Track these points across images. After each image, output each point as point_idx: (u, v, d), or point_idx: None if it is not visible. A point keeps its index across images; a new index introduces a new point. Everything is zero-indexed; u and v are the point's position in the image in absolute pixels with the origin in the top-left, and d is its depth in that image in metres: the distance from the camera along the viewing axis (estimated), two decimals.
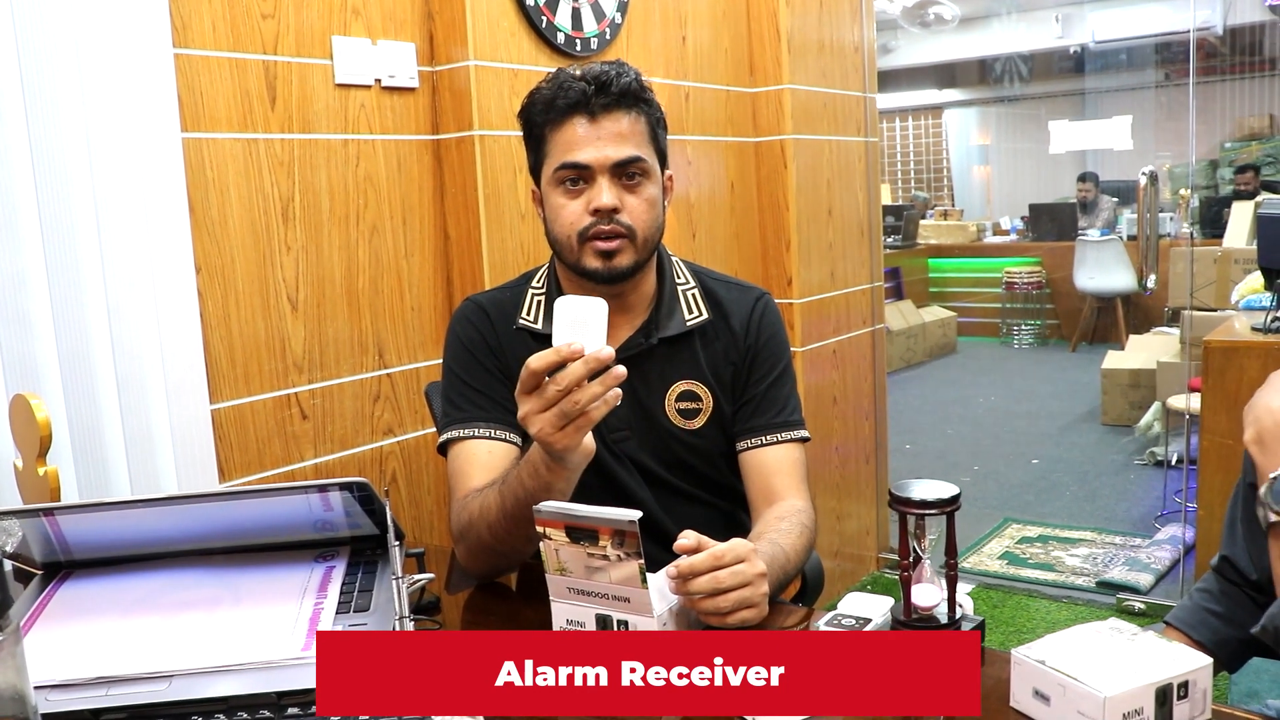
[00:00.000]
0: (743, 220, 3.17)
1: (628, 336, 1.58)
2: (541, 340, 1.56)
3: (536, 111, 1.52)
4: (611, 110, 1.48)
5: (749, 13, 3.17)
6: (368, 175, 2.20)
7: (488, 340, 1.60)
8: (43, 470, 1.33)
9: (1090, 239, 8.39)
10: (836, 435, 3.51)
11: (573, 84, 1.47)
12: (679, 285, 1.64)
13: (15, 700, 0.75)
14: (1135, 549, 3.96)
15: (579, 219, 1.48)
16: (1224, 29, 9.64)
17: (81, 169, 1.69)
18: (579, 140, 1.47)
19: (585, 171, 1.47)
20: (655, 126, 1.53)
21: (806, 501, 1.57)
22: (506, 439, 1.53)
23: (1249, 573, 1.31)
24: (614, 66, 1.49)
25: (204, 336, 1.91)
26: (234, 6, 1.97)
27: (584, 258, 1.50)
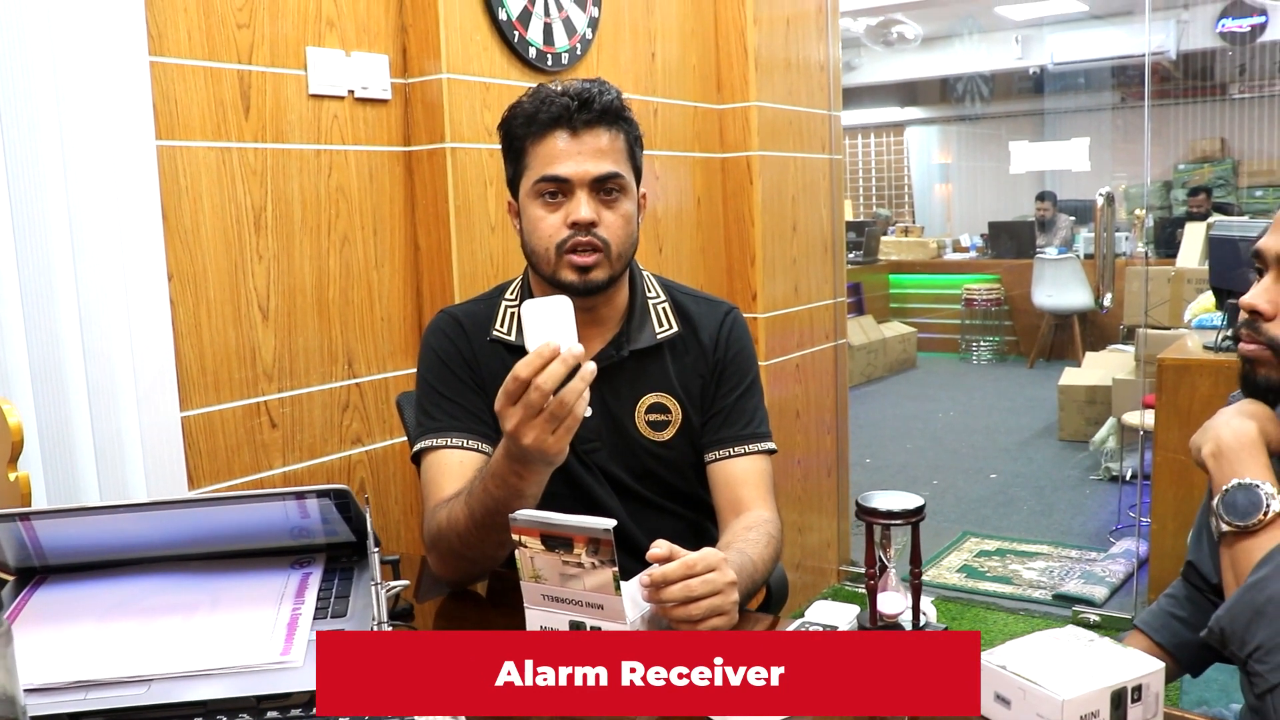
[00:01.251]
0: (709, 235, 3.20)
1: (599, 349, 1.60)
2: (515, 352, 1.58)
3: (518, 124, 1.54)
4: (592, 126, 1.50)
5: (717, 30, 3.21)
6: (339, 185, 2.22)
7: (462, 351, 1.62)
8: (14, 476, 1.34)
9: (1048, 257, 8.51)
10: (799, 449, 3.55)
11: (555, 99, 1.50)
12: (650, 299, 1.67)
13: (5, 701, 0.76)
14: (1090, 562, 4.02)
15: (557, 231, 1.51)
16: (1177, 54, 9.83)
17: (56, 175, 1.70)
18: (560, 154, 1.50)
19: (564, 185, 1.50)
20: (633, 144, 1.57)
21: (773, 512, 1.59)
22: (479, 449, 1.55)
23: (1211, 578, 1.36)
24: (596, 84, 1.52)
25: (175, 344, 1.91)
26: (209, 15, 1.98)
27: (560, 270, 1.52)
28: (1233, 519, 1.20)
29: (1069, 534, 4.49)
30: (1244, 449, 1.23)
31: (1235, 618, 1.10)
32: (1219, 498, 1.21)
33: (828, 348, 3.69)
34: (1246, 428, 1.24)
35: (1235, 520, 1.19)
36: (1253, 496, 1.19)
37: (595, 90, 1.51)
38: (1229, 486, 1.21)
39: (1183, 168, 11.00)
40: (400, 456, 2.34)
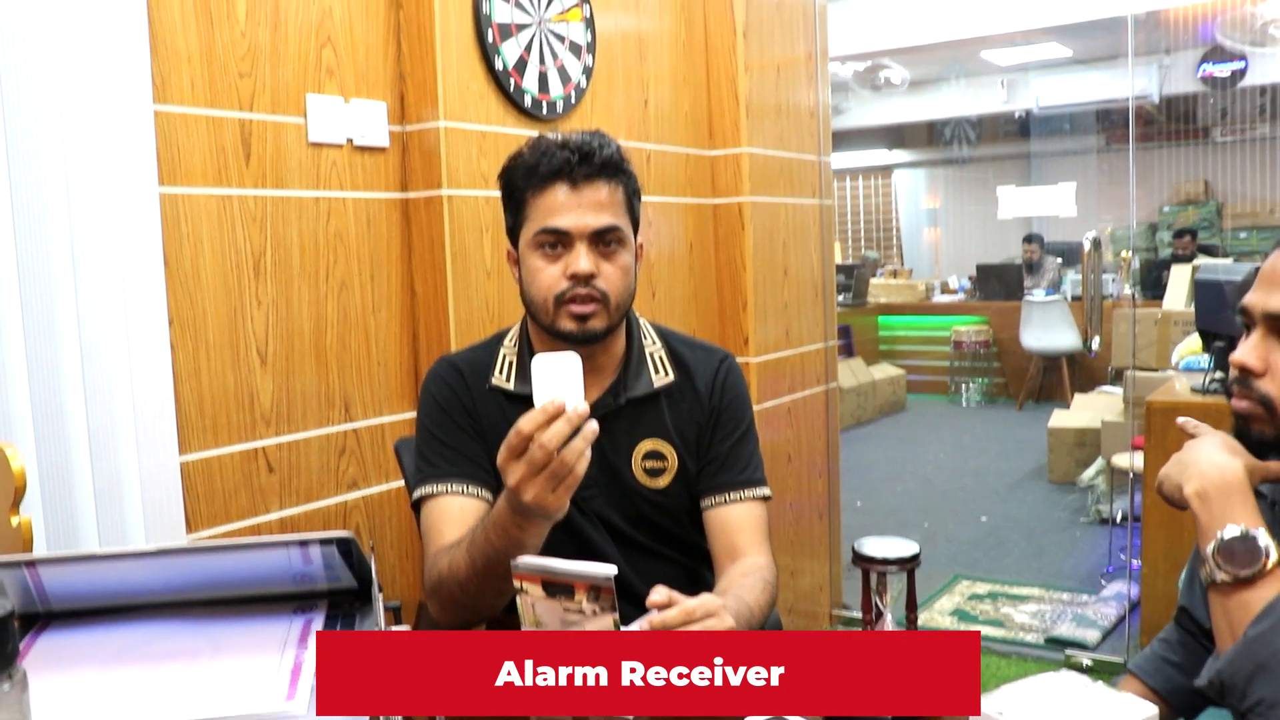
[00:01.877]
0: (701, 280, 3.23)
1: (597, 396, 1.62)
2: (514, 400, 1.61)
3: (519, 175, 1.56)
4: (593, 179, 1.53)
5: (709, 78, 3.26)
6: (338, 231, 2.24)
7: (461, 399, 1.64)
8: (15, 520, 1.35)
9: (1036, 299, 8.58)
10: (791, 492, 3.56)
11: (556, 152, 1.52)
12: (646, 347, 1.69)
13: None
14: (1082, 605, 4.03)
15: (556, 282, 1.53)
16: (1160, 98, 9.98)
17: (60, 220, 1.72)
18: (560, 206, 1.52)
19: (564, 237, 1.53)
20: (632, 196, 1.59)
21: (768, 558, 1.61)
22: (479, 495, 1.57)
23: (1204, 622, 1.36)
24: (595, 137, 1.54)
25: (175, 388, 1.92)
26: (212, 64, 2.01)
27: (559, 320, 1.55)
28: (1230, 569, 1.18)
29: (1060, 576, 4.50)
30: (1233, 492, 1.19)
31: (1236, 671, 1.10)
32: (1213, 545, 1.17)
33: (819, 391, 3.71)
34: (1232, 467, 1.21)
35: (1233, 570, 1.17)
36: (1251, 546, 1.16)
37: (595, 144, 1.53)
38: (1226, 536, 1.18)
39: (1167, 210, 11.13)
40: (396, 501, 2.35)
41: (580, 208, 1.52)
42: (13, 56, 1.66)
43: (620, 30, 2.87)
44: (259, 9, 2.08)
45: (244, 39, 2.05)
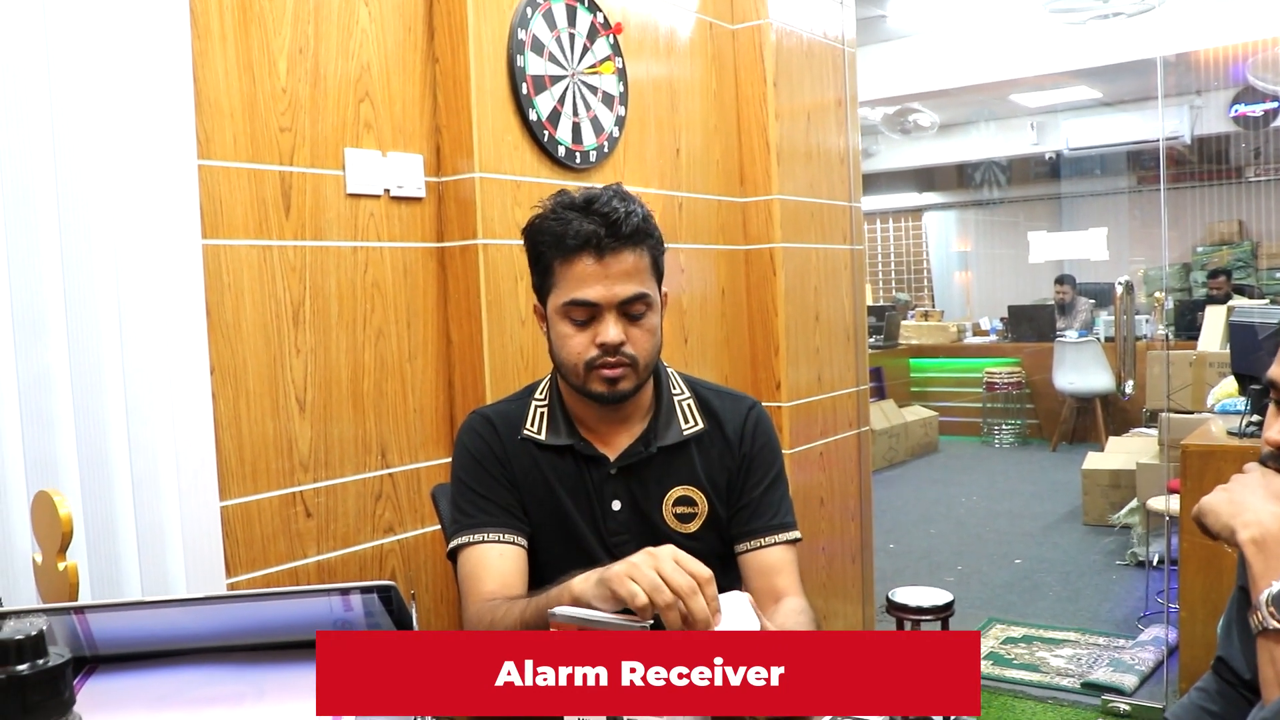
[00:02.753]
0: (733, 325, 3.26)
1: (627, 445, 1.66)
2: (544, 450, 1.66)
3: (544, 243, 1.59)
4: (619, 250, 1.55)
5: (740, 126, 3.30)
6: (375, 281, 2.28)
7: (494, 449, 1.68)
8: (62, 565, 1.38)
9: (1068, 340, 8.54)
10: (823, 536, 3.56)
11: (582, 224, 1.53)
12: (675, 396, 1.73)
13: None
14: (1119, 650, 3.99)
15: (585, 350, 1.57)
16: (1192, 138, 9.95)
17: (108, 273, 1.77)
18: (587, 278, 1.55)
19: (594, 309, 1.56)
20: (657, 257, 1.62)
21: (804, 599, 1.64)
22: (515, 542, 1.61)
23: (1243, 673, 1.35)
24: (621, 203, 1.55)
25: (216, 435, 1.96)
26: (254, 120, 2.06)
27: (589, 383, 1.59)
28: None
29: (1096, 620, 4.45)
30: None
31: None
32: (1268, 593, 1.16)
33: (851, 435, 3.71)
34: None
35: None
36: None
37: (622, 212, 1.54)
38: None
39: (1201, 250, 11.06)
40: (432, 545, 2.37)
41: (608, 279, 1.55)
42: (64, 114, 1.71)
43: (652, 80, 2.92)
44: (299, 65, 2.14)
45: (284, 94, 2.11)
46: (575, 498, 1.67)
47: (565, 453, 1.67)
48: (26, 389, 1.68)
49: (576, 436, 1.67)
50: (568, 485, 1.67)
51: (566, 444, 1.67)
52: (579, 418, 1.69)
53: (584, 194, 1.58)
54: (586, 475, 1.67)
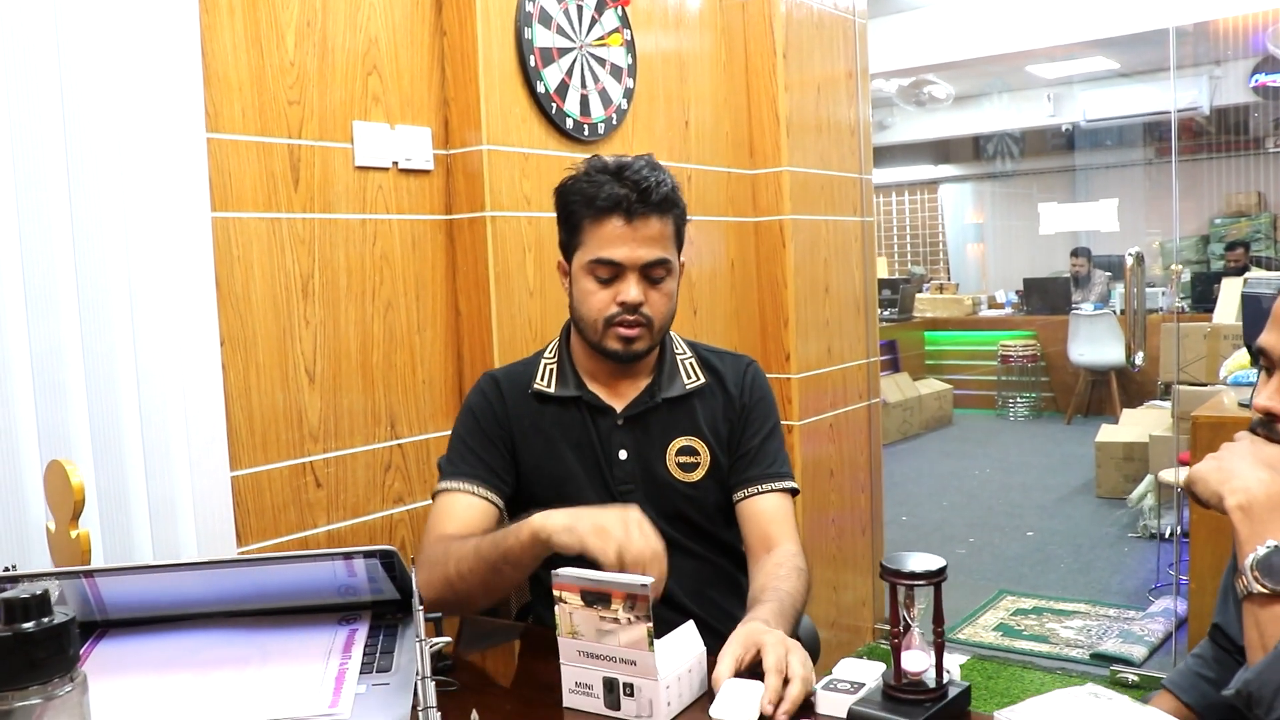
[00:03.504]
0: (742, 297, 3.27)
1: (634, 396, 1.74)
2: (550, 401, 1.74)
3: (575, 202, 1.66)
4: (647, 215, 1.63)
5: (749, 98, 3.30)
6: (384, 253, 2.30)
7: (495, 410, 1.75)
8: (75, 533, 1.40)
9: (1083, 313, 8.51)
10: (833, 507, 3.58)
11: (614, 186, 1.61)
12: (678, 355, 1.81)
13: None
14: (1129, 621, 4.00)
15: (606, 307, 1.65)
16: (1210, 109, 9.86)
17: (118, 246, 1.79)
18: (615, 239, 1.62)
19: (618, 268, 1.63)
20: (681, 226, 1.70)
21: (797, 545, 1.70)
22: (488, 498, 1.68)
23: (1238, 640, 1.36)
24: (651, 173, 1.64)
25: (226, 406, 1.98)
26: (262, 93, 2.08)
27: (606, 339, 1.66)
28: (1269, 582, 1.18)
29: (1107, 592, 4.46)
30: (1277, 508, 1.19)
31: (1265, 683, 1.11)
32: (1253, 558, 1.18)
33: (861, 407, 3.72)
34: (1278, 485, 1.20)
35: (1272, 584, 1.17)
36: None
37: (652, 181, 1.63)
38: (1267, 548, 1.19)
39: (1219, 222, 10.98)
40: None
41: (634, 241, 1.63)
42: (74, 90, 1.73)
43: (661, 53, 2.92)
44: (307, 39, 2.15)
45: (293, 68, 2.12)
46: (580, 450, 1.73)
47: (573, 405, 1.74)
48: (39, 361, 1.70)
49: (584, 389, 1.75)
50: (573, 438, 1.73)
51: (574, 395, 1.74)
52: (588, 372, 1.76)
53: (617, 161, 1.66)
54: (593, 426, 1.73)
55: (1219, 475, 1.25)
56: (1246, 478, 1.22)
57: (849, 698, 1.21)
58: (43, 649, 0.78)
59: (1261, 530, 1.19)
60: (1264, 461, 1.23)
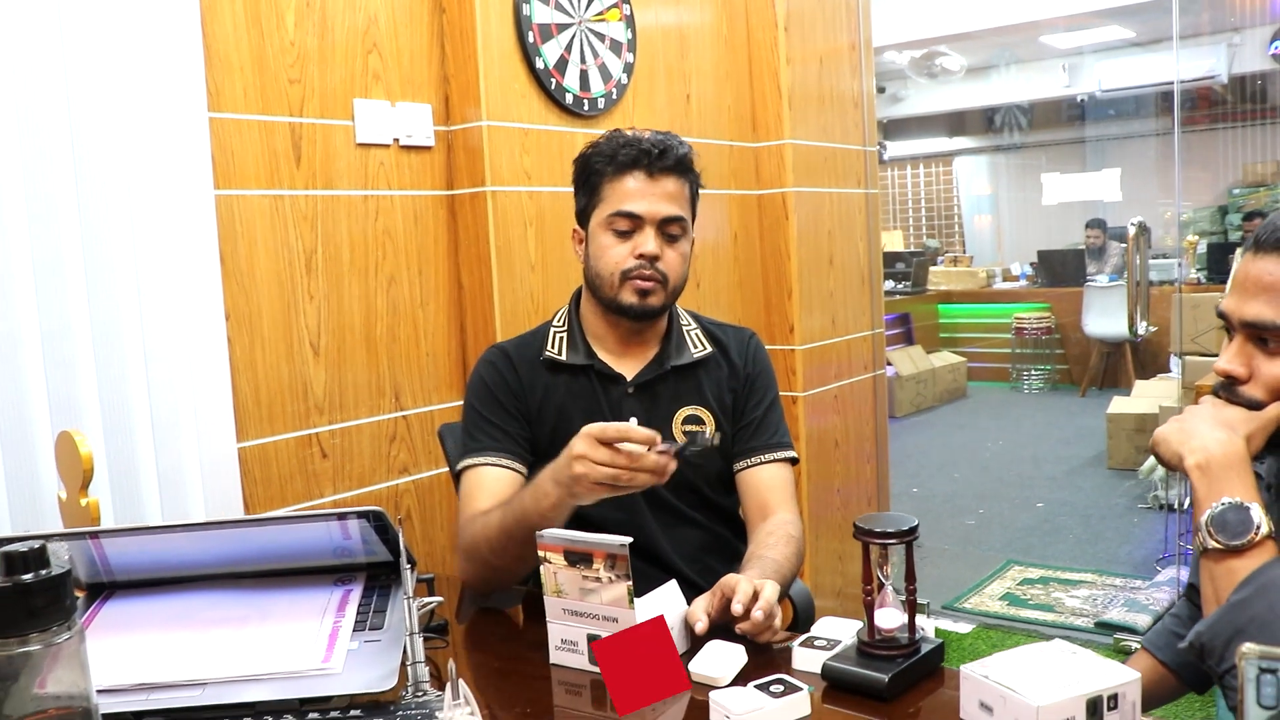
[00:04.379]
0: (746, 269, 3.29)
1: (643, 364, 1.78)
2: (562, 371, 1.77)
3: (597, 161, 1.73)
4: (666, 173, 1.70)
5: (751, 71, 3.32)
6: (386, 229, 2.34)
7: (508, 381, 1.78)
8: (85, 501, 1.46)
9: (1098, 285, 8.49)
10: (838, 478, 3.61)
11: (635, 144, 1.69)
12: (684, 326, 1.85)
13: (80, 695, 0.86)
14: (1135, 590, 4.03)
15: (624, 260, 1.69)
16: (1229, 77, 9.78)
17: (123, 224, 1.84)
18: (635, 192, 1.69)
19: (636, 221, 1.69)
20: (695, 194, 1.77)
21: (794, 514, 1.75)
22: (514, 468, 1.70)
23: None
24: (671, 137, 1.72)
25: (232, 379, 2.03)
26: (264, 73, 2.12)
27: (622, 293, 1.70)
28: (1222, 538, 1.22)
29: (1114, 562, 4.49)
30: (1233, 466, 1.24)
31: (1216, 634, 1.15)
32: (1208, 515, 1.23)
33: (866, 378, 3.75)
34: (1235, 444, 1.25)
35: (1224, 539, 1.22)
36: (1244, 517, 1.20)
37: (673, 142, 1.71)
38: (1221, 505, 1.24)
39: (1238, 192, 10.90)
40: (446, 485, 2.45)
41: (653, 195, 1.69)
42: (78, 72, 1.78)
43: (660, 26, 2.94)
44: (307, 18, 2.18)
45: (293, 47, 2.16)
46: (591, 417, 1.73)
47: (583, 373, 1.78)
48: (48, 335, 1.76)
49: (594, 357, 1.78)
50: (583, 405, 1.76)
51: (585, 363, 1.77)
52: (598, 338, 1.80)
53: (636, 132, 1.74)
54: (603, 394, 1.77)
55: (1179, 436, 1.28)
56: (1205, 438, 1.26)
57: (824, 654, 1.25)
58: (40, 598, 0.82)
59: (1218, 488, 1.23)
60: (1223, 422, 1.27)
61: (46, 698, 0.85)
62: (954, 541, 4.92)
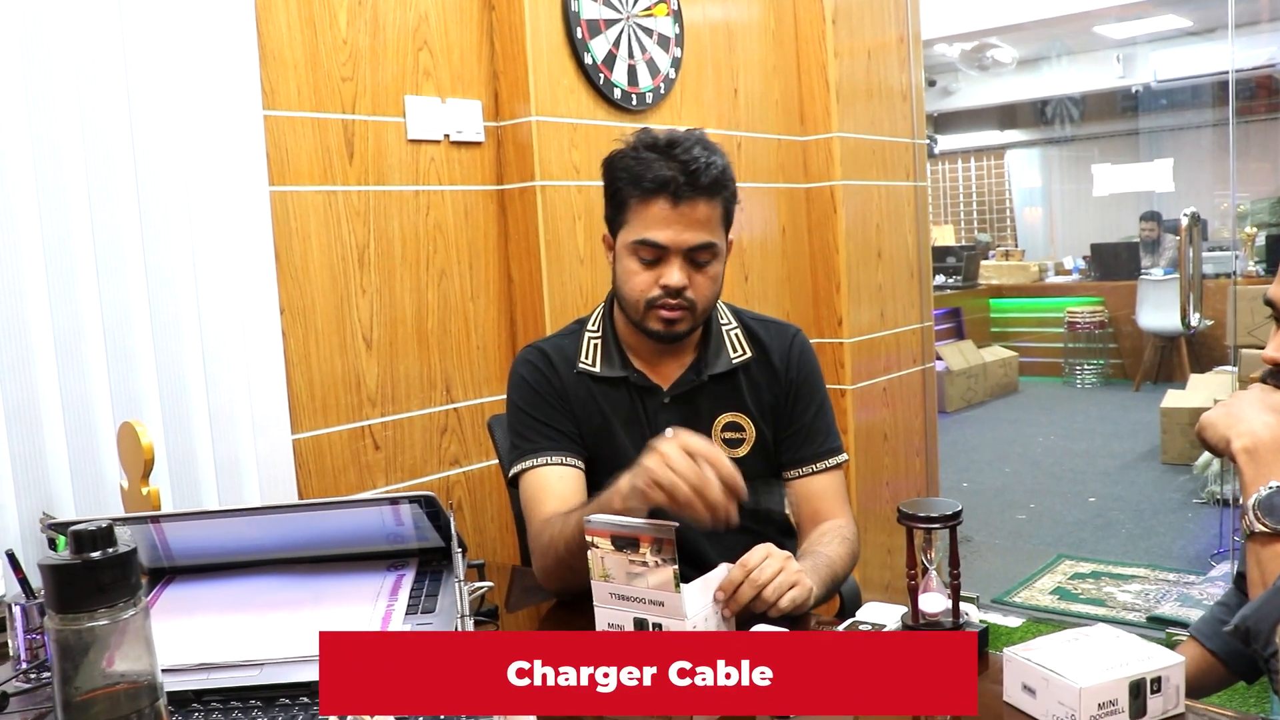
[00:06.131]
0: (794, 263, 3.30)
1: (679, 374, 1.74)
2: (600, 382, 1.73)
3: (622, 180, 1.64)
4: (695, 199, 1.59)
5: (799, 65, 3.32)
6: (437, 223, 2.38)
7: (551, 381, 1.74)
8: (145, 490, 1.50)
9: (1153, 278, 8.38)
10: (887, 471, 3.60)
11: (663, 169, 1.58)
12: (723, 326, 1.80)
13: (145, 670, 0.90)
14: (1188, 585, 3.99)
15: (648, 289, 1.63)
16: None
17: (181, 220, 1.89)
18: (660, 221, 1.60)
19: (661, 250, 1.61)
20: (730, 207, 1.67)
21: (848, 518, 1.73)
22: (574, 465, 1.68)
23: None
24: (703, 151, 1.60)
25: (287, 372, 2.08)
26: (317, 71, 2.16)
27: (647, 320, 1.66)
28: (1270, 522, 1.22)
29: (1168, 557, 4.44)
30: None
31: (1262, 618, 1.15)
32: (1255, 498, 1.23)
33: (915, 371, 3.74)
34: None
35: (1272, 523, 1.21)
36: None
37: (702, 162, 1.58)
38: (1269, 489, 1.23)
39: None
40: (496, 476, 2.48)
41: (679, 225, 1.60)
42: (137, 72, 1.83)
43: (708, 21, 2.96)
44: (359, 17, 2.22)
45: (345, 46, 2.20)
46: (629, 428, 1.73)
47: (619, 384, 1.74)
48: (110, 329, 1.81)
49: (630, 368, 1.74)
50: (621, 416, 1.73)
51: (621, 375, 1.73)
52: (632, 348, 1.76)
53: (668, 135, 1.63)
54: (640, 405, 1.73)
55: (1226, 420, 1.28)
56: (1252, 422, 1.26)
57: None
58: (108, 574, 0.86)
59: (1265, 472, 1.22)
60: (1270, 407, 1.26)
61: (114, 674, 0.89)
62: (1004, 536, 4.89)
